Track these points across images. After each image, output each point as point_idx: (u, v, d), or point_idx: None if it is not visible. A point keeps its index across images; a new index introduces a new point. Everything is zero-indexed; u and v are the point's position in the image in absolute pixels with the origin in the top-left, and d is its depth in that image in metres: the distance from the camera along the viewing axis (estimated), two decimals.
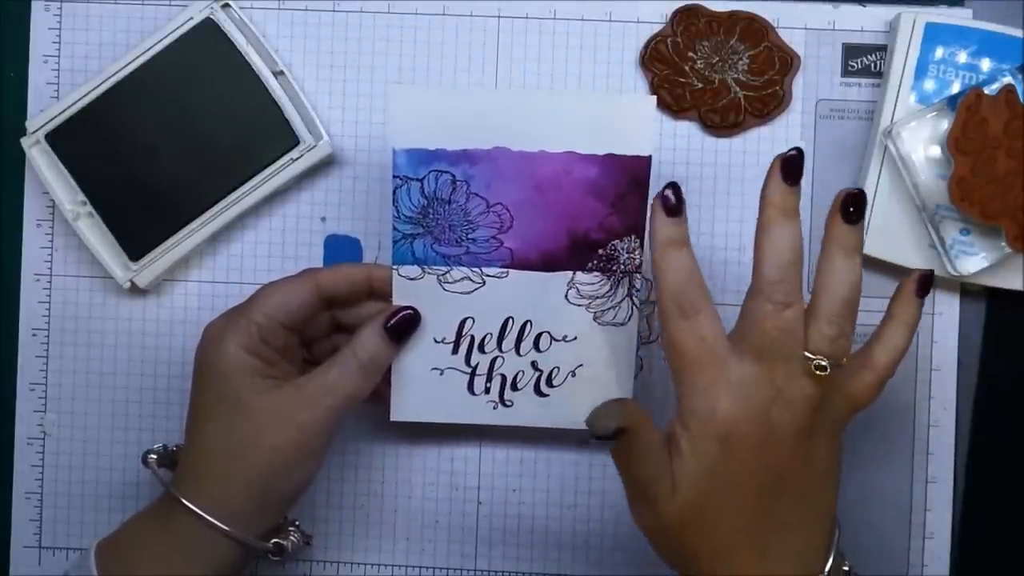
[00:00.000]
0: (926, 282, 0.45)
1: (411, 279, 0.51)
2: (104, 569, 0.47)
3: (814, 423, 0.43)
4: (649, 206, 0.45)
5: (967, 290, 0.55)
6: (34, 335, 0.57)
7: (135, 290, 0.56)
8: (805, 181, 0.55)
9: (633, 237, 0.50)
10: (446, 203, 0.50)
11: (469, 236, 0.50)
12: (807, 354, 0.42)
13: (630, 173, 0.49)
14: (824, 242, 0.44)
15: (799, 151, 0.43)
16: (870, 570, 0.55)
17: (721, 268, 0.56)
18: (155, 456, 0.51)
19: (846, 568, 0.45)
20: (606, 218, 0.50)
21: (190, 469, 0.48)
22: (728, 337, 0.44)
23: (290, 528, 0.52)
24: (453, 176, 0.50)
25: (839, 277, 0.43)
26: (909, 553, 0.55)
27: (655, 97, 0.49)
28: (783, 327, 0.42)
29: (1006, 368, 0.56)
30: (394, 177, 0.50)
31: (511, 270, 0.51)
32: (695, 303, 0.43)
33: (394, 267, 0.51)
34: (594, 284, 0.51)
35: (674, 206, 0.44)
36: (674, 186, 0.44)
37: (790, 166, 0.43)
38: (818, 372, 0.42)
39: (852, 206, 0.43)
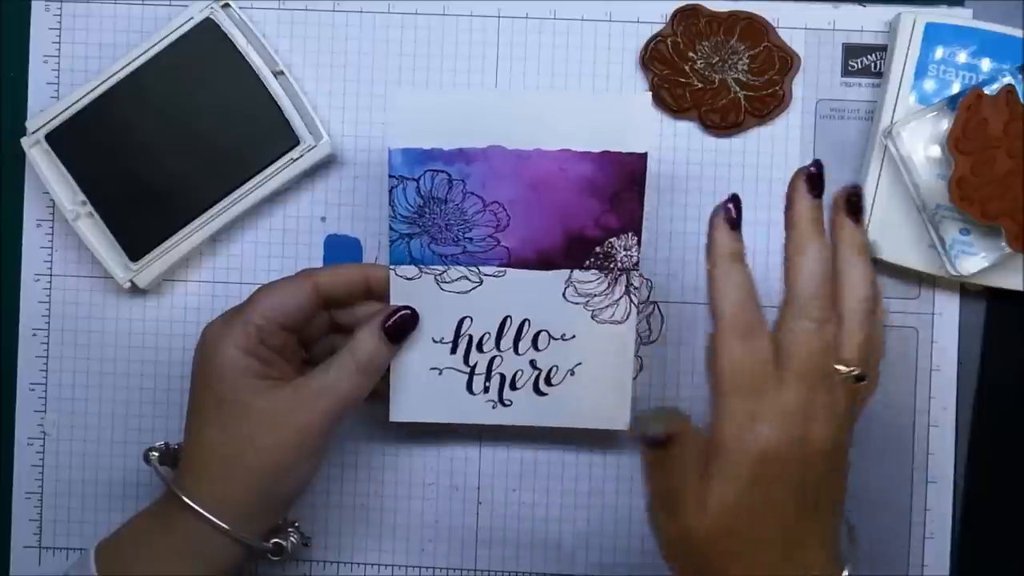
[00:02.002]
0: (814, 179, 0.43)
1: (408, 279, 0.51)
2: (104, 569, 0.47)
3: (848, 432, 0.42)
4: (713, 216, 0.43)
5: (967, 290, 0.55)
6: (34, 335, 0.57)
7: (135, 290, 0.56)
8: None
9: (630, 234, 0.50)
10: (442, 202, 0.50)
11: (466, 235, 0.50)
12: (839, 367, 0.41)
13: (626, 170, 0.49)
14: (836, 245, 0.43)
15: (819, 164, 0.43)
16: (870, 570, 0.55)
17: None
18: (156, 454, 0.51)
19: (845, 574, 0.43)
20: (602, 216, 0.50)
21: (189, 469, 0.48)
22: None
23: (289, 529, 0.52)
24: (449, 175, 0.50)
25: (857, 278, 0.42)
26: (909, 553, 0.55)
27: (650, 94, 0.49)
28: (824, 345, 0.41)
29: (1006, 368, 0.56)
30: (390, 177, 0.50)
31: (508, 269, 0.51)
32: (755, 324, 0.41)
33: (391, 267, 0.51)
34: (591, 282, 0.51)
35: (735, 219, 0.42)
36: (735, 199, 0.43)
37: (816, 180, 0.43)
38: (858, 383, 0.41)
39: (856, 202, 0.43)
